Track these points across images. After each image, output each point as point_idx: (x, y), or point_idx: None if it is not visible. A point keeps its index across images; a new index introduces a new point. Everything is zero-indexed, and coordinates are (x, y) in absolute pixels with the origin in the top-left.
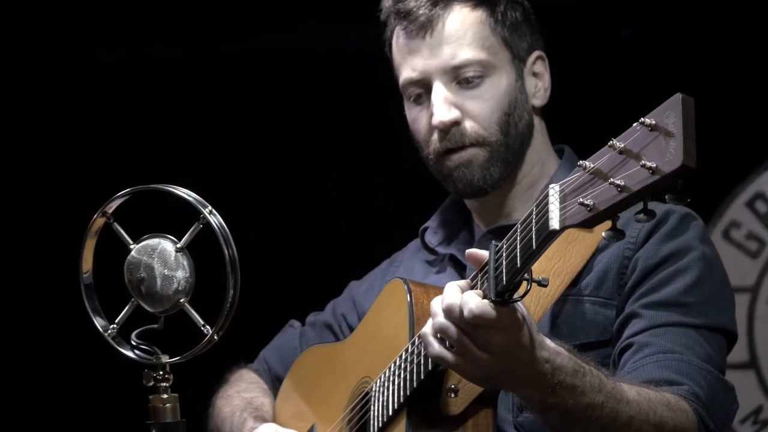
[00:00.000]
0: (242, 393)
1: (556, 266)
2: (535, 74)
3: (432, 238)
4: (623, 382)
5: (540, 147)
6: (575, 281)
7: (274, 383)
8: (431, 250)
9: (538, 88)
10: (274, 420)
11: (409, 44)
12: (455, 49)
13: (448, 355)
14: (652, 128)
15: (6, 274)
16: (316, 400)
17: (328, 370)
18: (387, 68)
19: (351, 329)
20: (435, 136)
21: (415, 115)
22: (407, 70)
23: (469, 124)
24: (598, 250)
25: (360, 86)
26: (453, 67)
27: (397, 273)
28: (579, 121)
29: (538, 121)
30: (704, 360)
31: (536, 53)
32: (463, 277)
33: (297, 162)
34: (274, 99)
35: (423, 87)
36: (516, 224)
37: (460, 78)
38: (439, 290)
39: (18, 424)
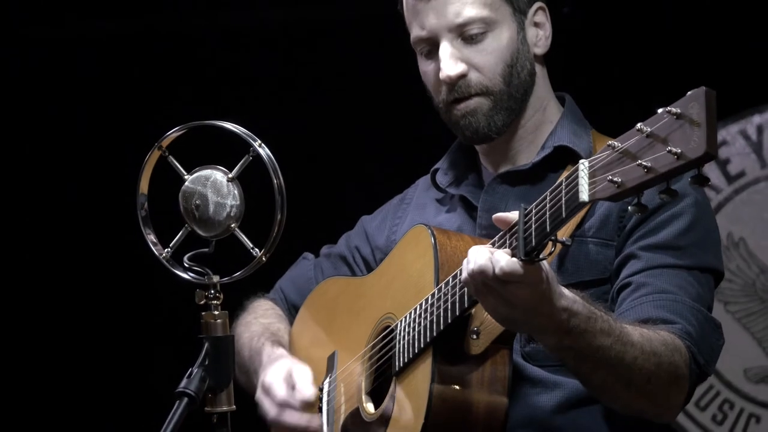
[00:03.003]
0: (260, 319)
1: None
2: (536, 24)
3: (442, 179)
4: (627, 324)
5: (542, 93)
6: (580, 224)
7: (290, 311)
8: (441, 190)
9: (539, 37)
10: (291, 345)
11: (417, 5)
12: (459, 8)
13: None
14: (678, 116)
15: (71, 203)
16: (336, 329)
17: (349, 302)
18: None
19: (364, 261)
20: (444, 88)
21: (425, 69)
22: (416, 28)
23: (474, 76)
24: None
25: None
26: (457, 25)
27: (408, 210)
28: None
29: (539, 69)
30: (695, 299)
31: (537, 4)
32: (472, 217)
33: (329, 109)
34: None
35: (431, 44)
36: (520, 169)
37: (465, 35)
38: (459, 236)
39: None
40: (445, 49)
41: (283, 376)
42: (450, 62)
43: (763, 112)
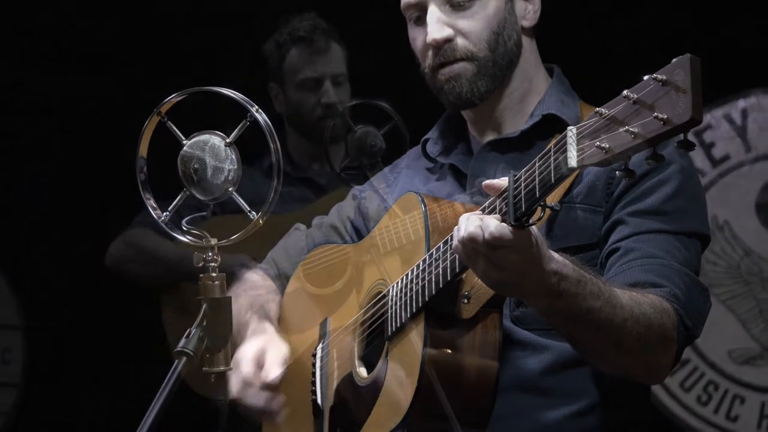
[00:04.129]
0: (248, 291)
1: None
2: None
3: (432, 148)
4: (617, 287)
5: (529, 64)
6: (568, 190)
7: (282, 281)
8: (432, 159)
9: (528, 10)
10: (282, 312)
11: None
12: None
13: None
14: (664, 83)
15: (73, 166)
16: (328, 296)
17: (340, 269)
18: None
19: (356, 230)
20: (430, 52)
21: (414, 35)
22: None
23: (460, 41)
24: None
25: None
26: None
27: (399, 178)
28: None
29: (527, 41)
30: (682, 264)
31: None
32: (461, 184)
33: None
34: None
35: (420, 10)
36: (509, 137)
37: (453, 1)
38: (449, 203)
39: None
40: (433, 13)
41: (254, 353)
42: (437, 26)
43: (748, 97)
